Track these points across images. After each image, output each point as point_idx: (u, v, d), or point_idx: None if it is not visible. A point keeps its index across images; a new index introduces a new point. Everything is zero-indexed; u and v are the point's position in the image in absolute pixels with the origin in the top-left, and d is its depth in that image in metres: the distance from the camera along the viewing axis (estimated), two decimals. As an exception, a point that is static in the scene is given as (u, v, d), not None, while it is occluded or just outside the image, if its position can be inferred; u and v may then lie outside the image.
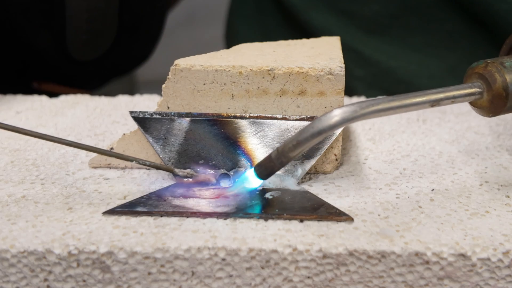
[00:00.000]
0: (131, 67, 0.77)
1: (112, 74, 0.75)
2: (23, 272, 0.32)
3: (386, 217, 0.34)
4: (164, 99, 0.39)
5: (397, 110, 0.33)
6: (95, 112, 0.52)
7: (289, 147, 0.33)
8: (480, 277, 0.32)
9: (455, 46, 0.68)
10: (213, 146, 0.38)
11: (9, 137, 0.46)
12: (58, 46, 0.63)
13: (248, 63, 0.39)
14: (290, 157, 0.33)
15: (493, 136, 0.47)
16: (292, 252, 0.31)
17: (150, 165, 0.37)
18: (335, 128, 0.32)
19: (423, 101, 0.34)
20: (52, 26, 0.61)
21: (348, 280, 0.32)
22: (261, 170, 0.35)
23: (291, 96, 0.39)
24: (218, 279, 0.32)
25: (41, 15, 0.60)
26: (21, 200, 0.36)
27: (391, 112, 0.33)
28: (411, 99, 0.34)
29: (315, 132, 0.32)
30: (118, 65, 0.73)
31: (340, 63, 0.39)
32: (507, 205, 0.36)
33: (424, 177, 0.40)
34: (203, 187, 0.37)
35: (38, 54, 0.64)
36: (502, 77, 0.35)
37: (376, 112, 0.33)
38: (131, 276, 0.32)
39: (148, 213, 0.34)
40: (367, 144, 0.45)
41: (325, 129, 0.32)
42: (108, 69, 0.72)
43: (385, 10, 0.68)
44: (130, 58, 0.73)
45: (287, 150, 0.33)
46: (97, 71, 0.71)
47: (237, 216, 0.34)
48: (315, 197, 0.36)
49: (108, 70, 0.73)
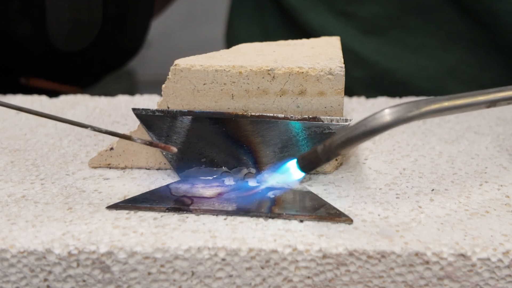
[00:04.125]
0: (121, 60, 0.75)
1: (103, 69, 0.73)
2: (23, 272, 0.32)
3: (386, 217, 0.34)
4: (164, 99, 0.39)
5: (453, 111, 0.32)
6: (95, 112, 0.52)
7: (337, 143, 0.32)
8: (480, 277, 0.32)
9: (454, 47, 0.68)
10: (215, 144, 0.38)
11: (9, 137, 0.46)
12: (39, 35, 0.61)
13: (248, 63, 0.39)
14: (338, 154, 0.32)
15: (493, 136, 0.47)
16: (292, 252, 0.31)
17: (106, 132, 0.36)
18: (388, 128, 0.31)
19: (480, 101, 0.33)
20: (32, 15, 0.59)
21: (348, 280, 0.32)
22: (304, 164, 0.34)
23: (291, 96, 0.39)
24: (218, 279, 0.32)
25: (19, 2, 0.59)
26: (21, 200, 0.36)
27: (448, 112, 0.32)
28: (468, 99, 0.32)
29: (368, 130, 0.31)
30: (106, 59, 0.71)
31: (340, 63, 0.39)
32: (507, 205, 0.36)
33: (424, 177, 0.40)
34: (207, 184, 0.37)
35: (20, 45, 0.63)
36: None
37: (432, 112, 0.31)
38: (131, 276, 0.32)
39: (151, 209, 0.34)
40: (367, 144, 0.45)
41: (378, 129, 0.31)
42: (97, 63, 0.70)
43: (384, 11, 0.68)
44: (119, 50, 0.71)
45: (335, 146, 0.32)
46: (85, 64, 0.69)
47: (239, 214, 0.34)
48: (316, 197, 0.36)
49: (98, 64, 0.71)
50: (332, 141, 0.32)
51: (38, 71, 0.67)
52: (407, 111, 0.31)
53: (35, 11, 0.59)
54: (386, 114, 0.31)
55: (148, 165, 0.40)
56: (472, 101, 0.33)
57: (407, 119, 0.31)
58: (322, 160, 0.33)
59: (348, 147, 0.32)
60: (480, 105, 0.33)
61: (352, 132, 0.31)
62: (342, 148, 0.32)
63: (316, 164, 0.34)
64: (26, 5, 0.59)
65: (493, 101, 0.33)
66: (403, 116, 0.31)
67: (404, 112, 0.31)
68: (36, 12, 0.59)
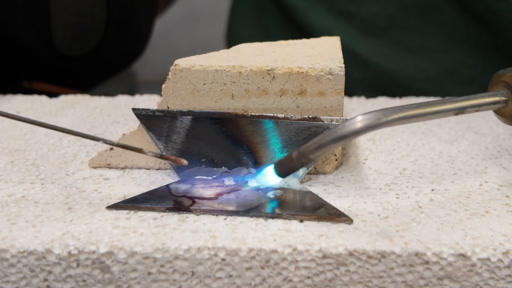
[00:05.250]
0: (123, 64, 0.75)
1: (105, 72, 0.74)
2: (23, 272, 0.32)
3: (386, 217, 0.34)
4: (164, 99, 0.39)
5: (421, 118, 0.34)
6: (95, 112, 0.52)
7: (310, 149, 0.33)
8: (480, 277, 0.32)
9: (454, 48, 0.68)
10: (215, 144, 0.38)
11: (9, 137, 0.46)
12: (44, 40, 0.62)
13: (248, 63, 0.39)
14: (311, 159, 0.34)
15: (493, 136, 0.47)
16: (292, 252, 0.31)
17: (118, 145, 0.37)
18: (357, 134, 0.32)
19: (447, 109, 0.34)
20: (37, 20, 0.60)
21: (348, 280, 0.32)
22: (281, 169, 0.36)
23: (291, 96, 0.39)
24: (218, 279, 0.32)
25: (24, 8, 0.59)
26: (21, 200, 0.36)
27: (415, 119, 0.33)
28: (435, 107, 0.34)
29: (337, 137, 0.33)
30: (109, 62, 0.71)
31: (340, 63, 0.39)
32: (507, 205, 0.36)
33: (424, 177, 0.40)
34: (207, 184, 0.37)
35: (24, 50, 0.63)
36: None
37: (400, 120, 0.33)
38: (131, 276, 0.32)
39: (151, 209, 0.34)
40: (367, 144, 0.45)
41: (347, 135, 0.32)
42: (100, 66, 0.71)
43: (384, 12, 0.68)
44: (121, 54, 0.71)
45: (308, 152, 0.34)
46: (89, 68, 0.69)
47: (239, 215, 0.34)
48: (316, 197, 0.36)
49: (100, 68, 0.71)
50: (305, 147, 0.34)
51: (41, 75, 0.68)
52: (376, 119, 0.32)
53: (40, 17, 0.60)
54: (357, 121, 0.32)
55: (148, 165, 0.40)
56: (439, 109, 0.34)
57: (375, 126, 0.32)
58: (297, 165, 0.35)
59: (320, 153, 0.33)
60: (448, 112, 0.34)
61: (323, 139, 0.33)
62: (314, 153, 0.33)
63: (292, 169, 0.35)
64: (31, 11, 0.59)
65: (461, 109, 0.35)
66: (372, 123, 0.32)
67: (373, 120, 0.32)
68: (41, 17, 0.60)
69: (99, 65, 0.70)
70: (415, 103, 0.34)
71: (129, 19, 0.66)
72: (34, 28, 0.60)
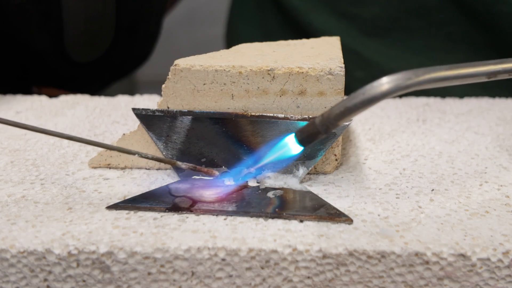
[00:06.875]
0: (130, 68, 0.77)
1: (112, 77, 0.75)
2: (22, 272, 0.32)
3: (386, 217, 0.34)
4: (164, 99, 0.39)
5: (453, 81, 0.31)
6: (95, 112, 0.52)
7: (336, 113, 0.31)
8: (480, 277, 0.32)
9: (455, 49, 0.68)
10: (215, 144, 0.38)
11: (9, 137, 0.46)
12: (56, 47, 0.63)
13: (248, 63, 0.39)
14: (337, 124, 0.31)
15: (493, 136, 0.47)
16: (292, 252, 0.31)
17: (153, 158, 0.37)
18: (386, 96, 0.30)
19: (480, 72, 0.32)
20: (50, 28, 0.61)
21: (348, 280, 0.32)
22: (303, 137, 0.33)
23: (291, 96, 0.39)
24: (218, 279, 0.32)
25: (38, 16, 0.60)
26: (21, 200, 0.36)
27: (447, 82, 0.31)
28: (468, 69, 0.32)
29: (366, 99, 0.30)
30: (117, 67, 0.72)
31: (340, 63, 0.39)
32: (507, 205, 0.36)
33: (424, 177, 0.40)
34: (207, 184, 0.37)
35: (36, 57, 0.64)
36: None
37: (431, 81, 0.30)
38: (131, 276, 0.32)
39: (151, 209, 0.34)
40: (367, 144, 0.45)
41: (376, 97, 0.29)
42: (108, 71, 0.72)
43: (386, 13, 0.68)
44: (129, 59, 0.73)
45: (333, 117, 0.31)
46: (97, 73, 0.71)
47: (239, 215, 0.34)
48: (316, 197, 0.36)
49: (108, 72, 0.72)
50: (330, 112, 0.31)
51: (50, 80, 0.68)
52: (406, 79, 0.30)
53: (52, 24, 0.60)
54: (384, 82, 0.30)
55: (148, 165, 0.40)
56: (472, 71, 0.32)
57: (405, 87, 0.30)
58: (321, 131, 0.32)
59: (346, 117, 0.31)
60: (480, 76, 0.32)
61: (350, 102, 0.30)
62: (340, 118, 0.31)
63: (315, 136, 0.33)
64: (44, 19, 0.60)
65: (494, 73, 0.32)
66: (402, 84, 0.30)
67: (403, 80, 0.30)
68: (54, 25, 0.60)
69: (107, 70, 0.71)
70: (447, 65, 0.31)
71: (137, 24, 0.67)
72: (47, 36, 0.62)
